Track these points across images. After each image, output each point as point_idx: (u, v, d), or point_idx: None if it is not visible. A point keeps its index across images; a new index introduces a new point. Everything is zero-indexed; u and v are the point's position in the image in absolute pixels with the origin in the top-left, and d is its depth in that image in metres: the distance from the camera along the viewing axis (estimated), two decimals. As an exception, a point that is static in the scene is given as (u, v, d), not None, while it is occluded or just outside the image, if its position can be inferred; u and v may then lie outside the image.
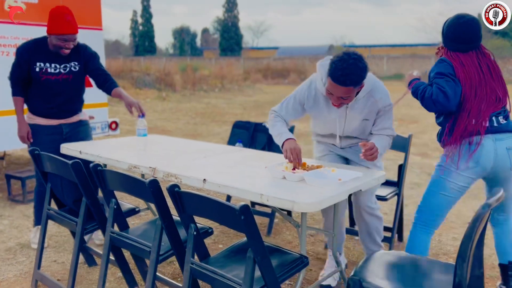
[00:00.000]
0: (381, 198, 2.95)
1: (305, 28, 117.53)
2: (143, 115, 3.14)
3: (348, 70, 2.18)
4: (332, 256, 2.65)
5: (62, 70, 3.03)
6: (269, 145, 3.59)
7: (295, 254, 2.05)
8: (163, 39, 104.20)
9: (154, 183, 1.98)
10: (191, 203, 1.87)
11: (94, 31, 4.89)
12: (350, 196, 3.24)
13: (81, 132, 3.22)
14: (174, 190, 1.89)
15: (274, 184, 2.11)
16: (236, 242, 2.21)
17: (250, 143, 3.69)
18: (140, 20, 51.09)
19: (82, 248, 2.71)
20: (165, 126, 9.26)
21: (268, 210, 3.58)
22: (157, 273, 2.46)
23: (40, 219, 3.11)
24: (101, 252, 2.59)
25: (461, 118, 2.30)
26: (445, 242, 3.33)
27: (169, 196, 1.89)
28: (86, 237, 2.90)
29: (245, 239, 2.21)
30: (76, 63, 3.09)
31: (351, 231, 3.25)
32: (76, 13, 4.85)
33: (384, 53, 34.50)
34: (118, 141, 3.31)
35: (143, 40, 50.26)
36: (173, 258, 2.76)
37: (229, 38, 47.46)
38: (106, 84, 3.15)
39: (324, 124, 2.59)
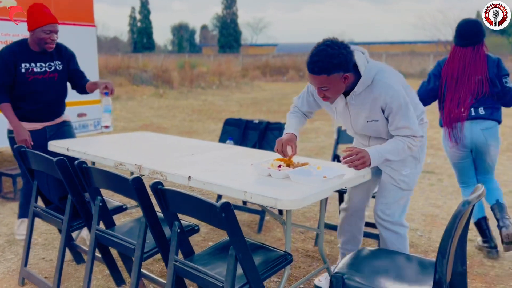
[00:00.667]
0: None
1: (304, 25, 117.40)
2: (107, 93, 3.12)
3: (316, 56, 2.03)
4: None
5: (47, 69, 3.03)
6: (260, 143, 3.59)
7: (279, 251, 2.04)
8: (162, 35, 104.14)
9: (138, 180, 1.97)
10: (174, 200, 1.87)
11: (86, 28, 4.87)
12: (342, 194, 3.24)
13: (64, 132, 3.21)
14: (157, 187, 1.88)
15: (259, 181, 2.10)
16: (221, 240, 2.20)
17: (241, 141, 3.68)
18: (138, 16, 50.97)
19: (70, 246, 2.71)
20: (160, 123, 9.25)
21: (259, 208, 3.57)
22: (145, 271, 2.46)
23: (24, 213, 3.17)
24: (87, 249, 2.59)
25: (445, 105, 2.98)
26: (435, 239, 3.33)
27: (153, 194, 1.89)
28: (74, 234, 2.90)
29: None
30: (59, 63, 3.11)
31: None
32: (68, 9, 4.84)
33: (383, 50, 34.48)
34: (107, 138, 3.30)
35: (141, 37, 50.15)
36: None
37: (228, 35, 47.37)
38: (81, 82, 3.20)
39: (337, 120, 2.43)
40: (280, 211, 3.33)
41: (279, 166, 2.21)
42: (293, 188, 1.97)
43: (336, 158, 3.32)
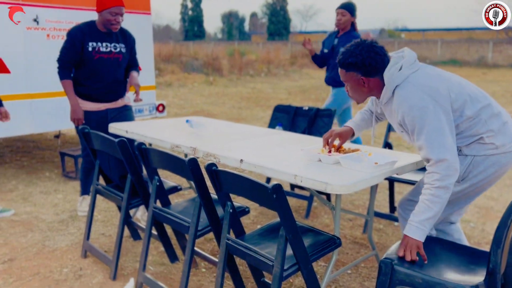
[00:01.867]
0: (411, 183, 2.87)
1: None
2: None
3: (343, 50, 2.04)
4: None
5: (112, 49, 3.22)
6: (309, 129, 3.60)
7: (328, 234, 2.08)
8: (212, 23, 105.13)
9: (193, 161, 2.06)
10: (227, 181, 1.94)
11: (143, 15, 5.04)
12: (392, 183, 3.21)
13: (125, 116, 3.41)
14: (212, 168, 1.96)
15: (309, 166, 2.13)
16: (271, 222, 2.27)
17: (290, 127, 3.71)
18: (190, 5, 51.71)
19: (128, 223, 2.88)
20: (210, 110, 9.43)
21: (307, 194, 3.61)
22: (197, 249, 2.58)
23: (85, 190, 3.42)
24: (144, 227, 2.74)
25: None
26: (489, 231, 3.23)
27: (207, 174, 1.97)
28: (131, 212, 3.07)
29: (279, 219, 2.27)
30: (124, 45, 3.30)
31: (389, 217, 3.23)
32: (125, -3, 4.98)
33: (438, 37, 33.06)
34: (163, 122, 3.43)
35: (192, 25, 50.91)
36: (213, 235, 2.88)
37: (277, 22, 47.09)
38: (130, 70, 3.41)
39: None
40: (328, 198, 3.35)
41: (330, 151, 2.24)
42: (343, 173, 1.99)
43: (387, 145, 3.28)
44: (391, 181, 3.18)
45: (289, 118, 3.75)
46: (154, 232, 2.61)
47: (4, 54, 4.09)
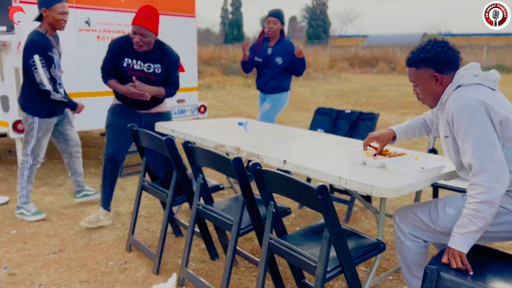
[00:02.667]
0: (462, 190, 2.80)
1: (398, 16, 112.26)
2: None
3: (412, 49, 1.97)
4: None
5: (145, 69, 3.15)
6: (351, 133, 3.58)
7: (372, 239, 2.06)
8: (251, 27, 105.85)
9: (238, 160, 2.09)
10: (272, 181, 1.96)
11: (188, 19, 5.16)
12: (436, 189, 3.14)
13: (158, 121, 3.32)
14: (256, 168, 1.99)
15: (354, 168, 2.12)
16: (313, 223, 2.27)
17: (332, 130, 3.69)
18: (230, 8, 52.27)
19: (171, 219, 2.95)
20: (249, 112, 9.50)
21: (347, 198, 3.58)
22: (238, 248, 2.61)
23: (107, 201, 3.30)
24: (187, 224, 2.81)
25: None
26: (540, 244, 3.09)
27: (251, 173, 2.00)
28: (174, 209, 3.14)
29: (321, 220, 2.27)
30: (160, 66, 3.19)
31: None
32: (172, 1, 5.16)
33: (484, 42, 31.89)
34: (206, 122, 3.50)
35: (232, 29, 51.43)
36: (252, 235, 2.91)
37: (317, 26, 46.83)
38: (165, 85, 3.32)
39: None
40: (368, 201, 3.31)
41: (375, 154, 2.22)
42: (389, 177, 1.97)
43: (432, 151, 3.21)
44: (436, 187, 3.10)
45: (331, 121, 3.74)
46: (196, 229, 2.66)
47: (58, 55, 4.28)
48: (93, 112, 4.62)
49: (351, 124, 3.59)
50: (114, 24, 4.65)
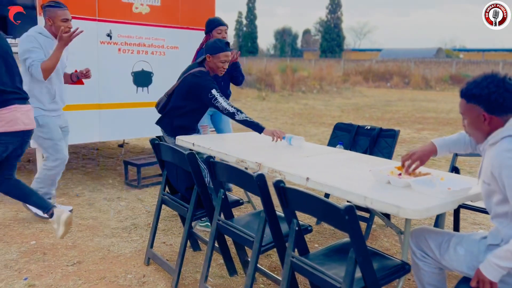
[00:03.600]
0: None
1: (411, 31, 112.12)
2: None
3: (473, 80, 1.89)
4: None
5: None
6: (371, 149, 3.55)
7: (396, 260, 2.03)
8: (265, 40, 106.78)
9: (261, 177, 2.08)
10: (296, 199, 1.94)
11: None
12: (458, 208, 3.08)
13: None
14: (280, 185, 1.98)
15: (378, 187, 2.10)
16: (336, 242, 2.24)
17: (351, 146, 3.67)
18: (244, 21, 52.76)
19: (189, 233, 2.94)
20: (264, 125, 9.49)
21: (366, 215, 3.53)
22: (258, 265, 2.59)
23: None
24: (206, 239, 2.80)
25: None
26: None
27: (275, 191, 1.99)
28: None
29: (344, 240, 2.24)
30: None
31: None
32: (192, 15, 5.22)
33: (500, 58, 31.61)
34: (226, 136, 3.50)
35: (246, 41, 51.82)
36: (270, 251, 2.88)
37: (331, 39, 46.97)
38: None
39: None
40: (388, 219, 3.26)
41: (400, 174, 2.19)
42: (415, 197, 1.94)
43: (454, 170, 3.17)
44: (457, 210, 3.05)
45: (350, 137, 3.71)
46: (215, 244, 2.65)
47: (80, 67, 4.34)
48: (113, 123, 4.67)
49: (371, 140, 3.56)
50: (135, 37, 4.71)
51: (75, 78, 3.77)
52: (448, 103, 15.45)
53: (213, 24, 3.93)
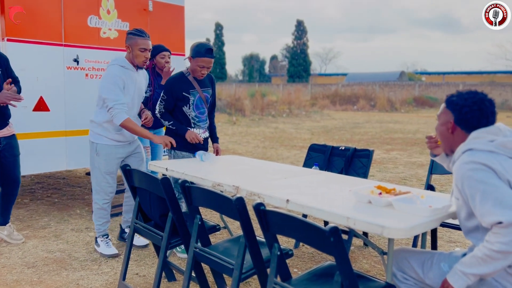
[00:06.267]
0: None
1: (374, 55, 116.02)
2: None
3: (460, 90, 1.95)
4: None
5: None
6: (346, 170, 3.53)
7: (381, 282, 1.97)
8: (233, 66, 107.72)
9: (240, 200, 2.01)
10: (277, 222, 1.88)
11: (178, 57, 5.17)
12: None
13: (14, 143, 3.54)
14: (260, 208, 1.91)
15: (360, 207, 2.06)
16: (318, 266, 2.17)
17: (326, 167, 3.65)
18: (213, 48, 53.18)
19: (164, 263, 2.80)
20: (235, 149, 9.44)
21: (345, 237, 3.49)
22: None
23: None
24: (182, 268, 2.67)
25: None
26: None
27: (255, 214, 1.92)
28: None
29: (327, 263, 2.18)
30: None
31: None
32: (162, 40, 5.19)
33: (460, 81, 33.01)
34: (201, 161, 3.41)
35: (214, 67, 52.07)
36: (250, 279, 2.77)
37: (298, 65, 47.87)
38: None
39: None
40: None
41: (380, 193, 2.16)
42: (397, 216, 1.91)
43: (429, 188, 3.18)
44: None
45: (325, 158, 3.69)
46: (192, 274, 2.52)
47: (46, 93, 4.19)
48: (80, 151, 4.49)
49: (346, 161, 3.55)
50: (103, 62, 4.60)
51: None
52: (413, 124, 15.87)
53: (158, 50, 4.07)
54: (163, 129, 4.27)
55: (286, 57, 52.89)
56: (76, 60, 4.40)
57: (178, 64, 5.33)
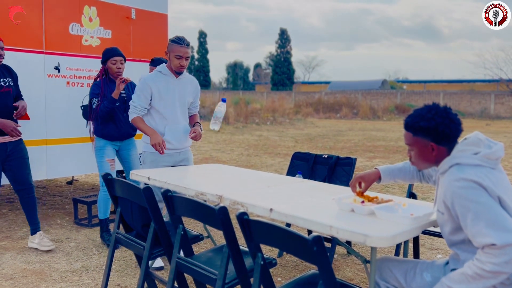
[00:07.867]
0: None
1: (357, 63, 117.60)
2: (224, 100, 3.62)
3: (412, 112, 1.93)
4: None
5: (2, 84, 3.53)
6: (329, 178, 3.55)
7: (365, 290, 1.98)
8: (217, 73, 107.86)
9: (223, 210, 2.00)
10: (261, 231, 1.87)
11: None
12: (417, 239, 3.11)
13: (22, 149, 3.61)
14: (244, 217, 1.90)
15: (342, 216, 2.06)
16: (301, 275, 2.17)
17: (310, 175, 3.66)
18: (196, 55, 53.14)
19: (147, 273, 2.76)
20: (219, 156, 9.42)
21: (328, 244, 3.49)
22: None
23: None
24: (165, 278, 2.63)
25: None
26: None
27: (238, 223, 1.90)
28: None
29: (310, 272, 2.18)
30: (11, 79, 3.59)
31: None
32: (144, 47, 5.17)
33: (441, 89, 33.65)
34: (184, 169, 3.39)
35: (198, 75, 52.04)
36: None
37: (281, 73, 48.16)
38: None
39: None
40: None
41: (362, 201, 2.17)
42: (380, 225, 1.92)
43: (411, 196, 3.22)
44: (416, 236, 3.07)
45: (309, 166, 3.71)
46: (175, 284, 2.49)
47: (26, 101, 4.10)
48: (61, 159, 4.43)
49: (329, 169, 3.57)
50: (84, 70, 4.55)
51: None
52: (395, 131, 16.07)
53: (108, 54, 3.79)
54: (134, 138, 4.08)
55: (270, 65, 53.18)
56: (57, 68, 4.35)
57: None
